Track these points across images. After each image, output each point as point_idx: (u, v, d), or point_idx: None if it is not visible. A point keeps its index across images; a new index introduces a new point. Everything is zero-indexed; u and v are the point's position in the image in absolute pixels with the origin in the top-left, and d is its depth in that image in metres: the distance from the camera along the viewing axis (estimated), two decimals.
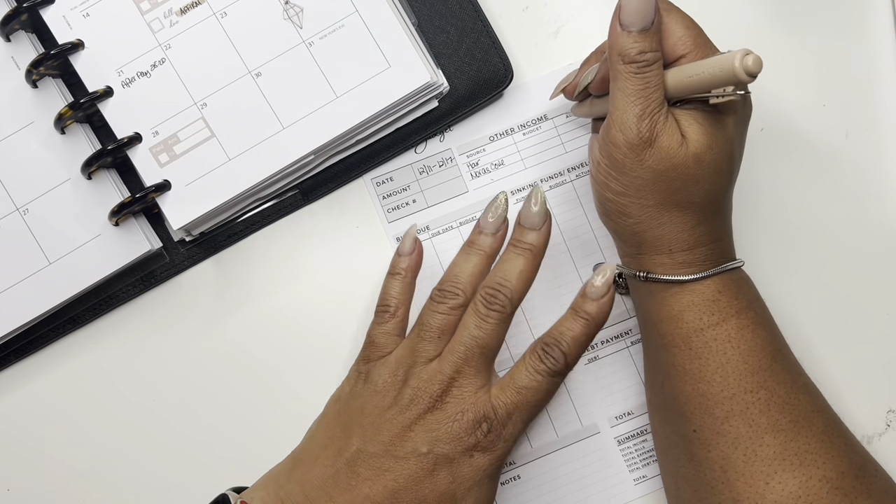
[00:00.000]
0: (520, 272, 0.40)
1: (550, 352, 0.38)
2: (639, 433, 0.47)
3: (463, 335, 0.39)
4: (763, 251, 0.48)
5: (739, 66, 0.36)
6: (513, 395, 0.38)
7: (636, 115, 0.38)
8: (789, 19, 0.50)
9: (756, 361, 0.40)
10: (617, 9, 0.39)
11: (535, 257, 0.40)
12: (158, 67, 0.46)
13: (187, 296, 0.49)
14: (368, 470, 0.37)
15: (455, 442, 0.38)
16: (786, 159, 0.49)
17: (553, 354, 0.38)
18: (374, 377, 0.40)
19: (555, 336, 0.39)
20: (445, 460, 0.38)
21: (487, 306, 0.39)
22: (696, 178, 0.39)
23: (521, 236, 0.40)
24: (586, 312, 0.39)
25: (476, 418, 0.38)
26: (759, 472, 0.38)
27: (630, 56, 0.38)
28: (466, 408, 0.38)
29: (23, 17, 0.46)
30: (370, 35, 0.46)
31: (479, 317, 0.39)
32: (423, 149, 0.49)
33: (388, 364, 0.40)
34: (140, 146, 0.46)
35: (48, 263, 0.46)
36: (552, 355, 0.38)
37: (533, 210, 0.40)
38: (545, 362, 0.38)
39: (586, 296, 0.39)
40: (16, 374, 0.48)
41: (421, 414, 0.38)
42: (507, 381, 0.39)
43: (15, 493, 0.48)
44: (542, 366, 0.38)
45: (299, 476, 0.38)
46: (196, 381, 0.48)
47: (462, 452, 0.38)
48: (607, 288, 0.39)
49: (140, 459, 0.48)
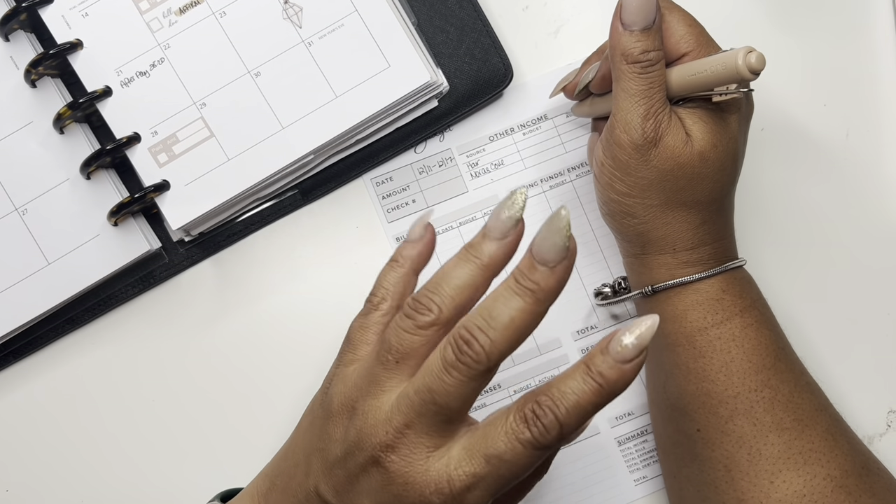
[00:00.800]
0: (511, 319, 0.30)
1: (542, 417, 0.29)
2: (639, 433, 0.47)
3: (419, 382, 0.30)
4: (764, 251, 0.48)
5: (742, 64, 0.35)
6: (479, 465, 0.30)
7: (640, 115, 0.38)
8: (789, 19, 0.50)
9: (760, 360, 0.40)
10: (618, 8, 0.39)
11: (539, 304, 0.30)
12: (157, 67, 0.46)
13: (186, 296, 0.49)
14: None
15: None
16: (786, 159, 0.49)
17: (544, 422, 0.29)
18: (331, 394, 0.33)
19: (552, 396, 0.29)
20: None
21: (457, 354, 0.30)
22: (701, 177, 0.39)
23: (527, 270, 0.30)
24: (601, 375, 0.29)
25: (423, 494, 0.30)
26: (764, 470, 0.38)
27: (633, 56, 0.38)
28: (412, 479, 0.30)
29: (22, 16, 0.46)
30: (370, 35, 0.46)
31: (443, 366, 0.30)
32: (422, 149, 0.49)
33: (345, 382, 0.33)
34: (139, 146, 0.46)
35: (47, 264, 0.46)
36: (543, 423, 0.29)
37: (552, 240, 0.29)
38: (532, 430, 0.29)
39: (608, 353, 0.29)
40: (15, 375, 0.48)
41: (365, 465, 0.31)
42: (478, 441, 0.30)
43: (14, 493, 0.48)
44: (526, 433, 0.29)
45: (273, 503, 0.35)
46: (196, 381, 0.48)
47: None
48: (639, 351, 0.29)
49: (139, 459, 0.48)
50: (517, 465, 0.30)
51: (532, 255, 0.30)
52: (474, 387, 0.30)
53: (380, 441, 0.30)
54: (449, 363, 0.30)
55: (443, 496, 0.30)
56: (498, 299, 0.30)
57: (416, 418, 0.30)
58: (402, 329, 0.31)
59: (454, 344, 0.30)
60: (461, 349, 0.30)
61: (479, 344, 0.29)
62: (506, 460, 0.29)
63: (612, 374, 0.29)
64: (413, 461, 0.30)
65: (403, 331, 0.31)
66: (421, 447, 0.30)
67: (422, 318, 0.31)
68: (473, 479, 0.30)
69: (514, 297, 0.30)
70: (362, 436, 0.31)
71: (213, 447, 0.48)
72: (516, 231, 0.31)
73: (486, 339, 0.29)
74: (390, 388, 0.31)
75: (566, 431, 0.29)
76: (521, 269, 0.30)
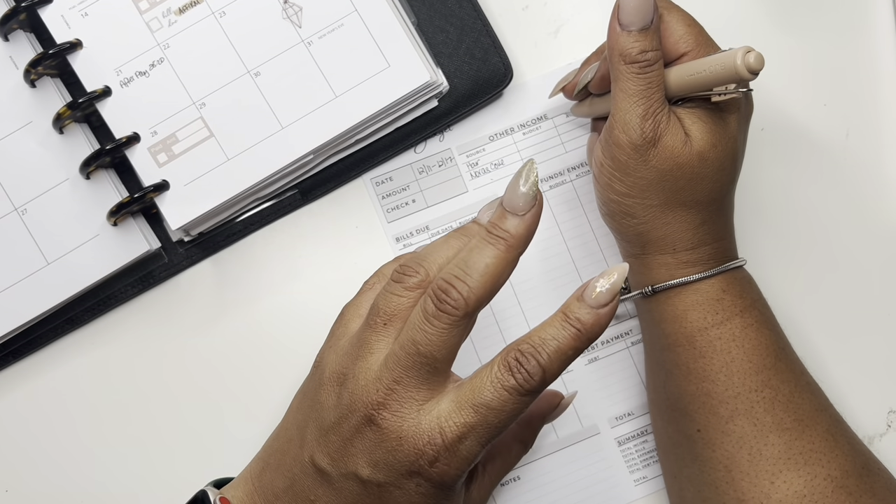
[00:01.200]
0: (486, 266, 0.31)
1: (525, 364, 0.31)
2: (639, 434, 0.47)
3: (404, 336, 0.32)
4: (764, 251, 0.48)
5: (741, 64, 0.35)
6: (469, 415, 0.31)
7: (639, 115, 0.38)
8: (789, 19, 0.50)
9: (760, 360, 0.40)
10: (615, 9, 0.39)
11: (511, 250, 0.32)
12: (157, 67, 0.46)
13: (186, 296, 0.49)
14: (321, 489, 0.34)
15: (395, 470, 0.32)
16: (786, 159, 0.49)
17: (528, 367, 0.31)
18: (323, 365, 0.35)
19: (534, 344, 0.31)
20: (387, 488, 0.32)
21: (436, 304, 0.31)
22: (701, 177, 0.39)
23: (498, 221, 0.32)
24: (579, 321, 0.31)
25: (416, 446, 0.31)
26: (764, 471, 0.38)
27: (631, 56, 0.38)
28: (405, 433, 0.31)
29: (21, 16, 0.46)
30: (369, 34, 0.46)
31: (424, 317, 0.31)
32: (422, 148, 0.49)
33: (336, 351, 0.34)
34: (138, 146, 0.46)
35: (46, 263, 0.46)
36: (526, 368, 0.31)
37: (520, 190, 0.32)
38: (516, 376, 0.31)
39: (583, 300, 0.31)
40: (14, 375, 0.48)
41: (359, 426, 0.32)
42: (466, 393, 0.31)
43: (14, 493, 0.48)
44: (511, 380, 0.31)
45: (267, 482, 0.36)
46: (195, 381, 0.48)
47: (404, 479, 0.32)
48: (612, 296, 0.31)
49: (139, 459, 0.48)
50: (505, 412, 0.31)
51: (503, 205, 0.32)
52: (456, 334, 0.32)
53: (371, 400, 0.32)
54: (430, 313, 0.31)
55: (436, 447, 0.31)
56: (473, 250, 0.32)
57: (404, 372, 0.32)
58: (391, 292, 0.33)
59: (433, 295, 0.31)
60: (440, 298, 0.31)
61: (456, 291, 0.31)
62: (494, 408, 0.31)
63: (588, 319, 0.31)
64: (405, 416, 0.32)
65: (392, 293, 0.33)
66: (411, 401, 0.32)
67: (410, 280, 0.33)
68: (464, 429, 0.31)
69: (488, 247, 0.32)
70: (354, 398, 0.32)
71: (212, 447, 0.48)
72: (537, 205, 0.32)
73: (463, 285, 0.31)
74: (379, 350, 0.33)
75: (549, 376, 0.31)
76: (492, 221, 0.32)
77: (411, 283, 0.33)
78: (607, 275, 0.31)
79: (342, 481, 0.33)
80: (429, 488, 0.32)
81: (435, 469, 0.32)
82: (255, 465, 0.37)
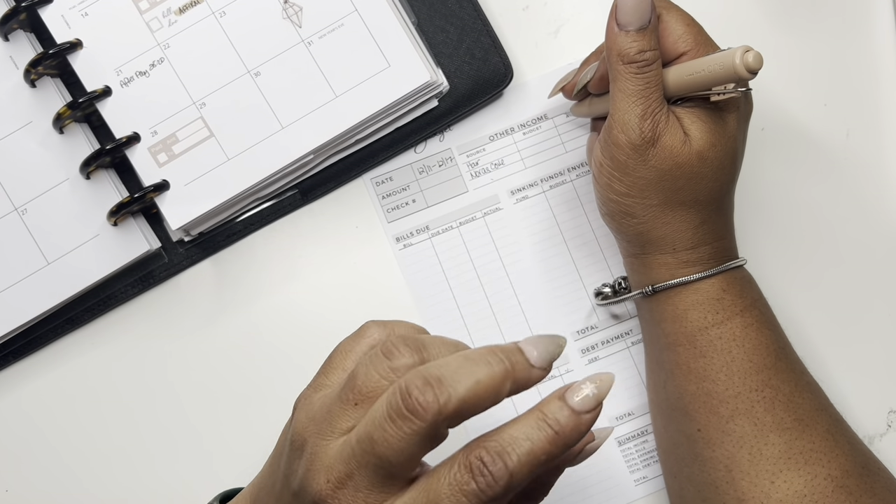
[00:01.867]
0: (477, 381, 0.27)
1: (490, 465, 0.26)
2: (639, 434, 0.47)
3: (362, 429, 0.28)
4: (764, 250, 0.48)
5: (740, 63, 0.35)
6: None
7: (638, 115, 0.38)
8: (789, 19, 0.50)
9: (761, 360, 0.40)
10: (613, 9, 0.39)
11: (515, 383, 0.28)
12: (157, 67, 0.46)
13: (186, 296, 0.49)
14: None
15: None
16: (787, 159, 0.49)
17: (493, 470, 0.26)
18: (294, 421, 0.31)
19: (502, 442, 0.27)
20: None
21: (404, 401, 0.27)
22: (700, 176, 0.39)
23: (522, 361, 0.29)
24: (558, 422, 0.27)
25: None
26: (765, 470, 0.38)
27: (629, 56, 0.38)
28: None
29: (21, 16, 0.46)
30: (369, 34, 0.46)
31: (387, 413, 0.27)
32: (422, 148, 0.49)
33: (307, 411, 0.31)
34: (139, 146, 0.46)
35: (46, 263, 0.46)
36: (491, 471, 0.26)
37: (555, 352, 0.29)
38: (478, 480, 0.26)
39: (565, 400, 0.28)
40: (14, 375, 0.48)
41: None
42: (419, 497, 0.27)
43: (14, 493, 0.48)
44: (472, 485, 0.27)
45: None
46: (195, 382, 0.48)
47: None
48: (597, 402, 0.28)
49: (139, 459, 0.48)
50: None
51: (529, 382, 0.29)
52: (419, 444, 0.27)
53: (319, 490, 0.28)
54: (394, 411, 0.27)
55: None
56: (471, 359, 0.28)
57: (357, 470, 0.28)
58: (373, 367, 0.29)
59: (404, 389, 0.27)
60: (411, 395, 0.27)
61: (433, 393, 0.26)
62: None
63: (568, 423, 0.27)
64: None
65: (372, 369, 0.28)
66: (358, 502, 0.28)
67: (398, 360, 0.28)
68: None
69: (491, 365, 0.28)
70: (306, 480, 0.29)
71: (212, 447, 0.48)
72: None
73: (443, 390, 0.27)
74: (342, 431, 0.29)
75: (515, 482, 0.27)
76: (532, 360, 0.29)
77: (399, 364, 0.28)
78: (597, 380, 0.28)
79: None
80: None
81: None
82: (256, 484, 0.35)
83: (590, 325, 0.48)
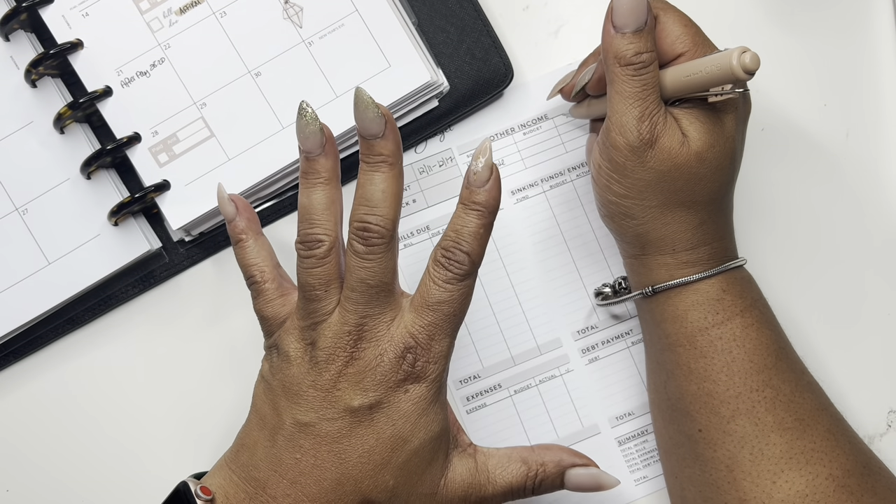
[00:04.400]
0: (383, 192, 0.36)
1: (453, 256, 0.36)
2: (640, 433, 0.47)
3: (351, 280, 0.36)
4: (764, 250, 0.48)
5: (737, 64, 0.35)
6: (429, 315, 0.36)
7: (636, 117, 0.38)
8: (789, 19, 0.50)
9: (761, 360, 0.40)
10: (609, 11, 0.39)
11: (394, 167, 0.36)
12: (158, 67, 0.46)
13: (187, 296, 0.49)
14: (308, 440, 0.36)
15: (383, 385, 0.36)
16: (787, 159, 0.49)
17: (456, 259, 0.36)
18: (283, 348, 0.38)
19: (452, 238, 0.36)
20: (380, 406, 0.36)
21: (363, 243, 0.36)
22: (699, 177, 0.39)
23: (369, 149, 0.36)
24: (476, 204, 0.36)
25: (397, 354, 0.36)
26: (766, 471, 0.38)
27: (626, 58, 0.38)
28: (384, 347, 0.36)
29: (22, 16, 0.46)
30: (370, 34, 0.46)
31: (360, 257, 0.36)
32: (423, 148, 0.49)
33: (291, 332, 0.38)
34: (139, 146, 0.46)
35: (47, 263, 0.46)
36: (456, 260, 0.36)
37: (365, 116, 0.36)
38: (451, 269, 0.36)
39: (471, 186, 0.36)
40: (15, 375, 0.48)
41: (341, 370, 0.36)
42: (419, 301, 0.36)
43: (14, 493, 0.48)
44: (448, 274, 0.36)
45: (245, 461, 0.37)
46: (195, 381, 0.48)
47: (394, 391, 0.36)
48: (489, 170, 0.36)
49: (139, 459, 0.48)
50: (455, 300, 0.36)
51: (362, 136, 0.36)
52: (391, 256, 0.36)
53: (347, 342, 0.36)
54: (362, 253, 0.36)
55: (413, 350, 0.36)
56: (364, 185, 0.36)
57: (365, 307, 0.36)
58: (309, 268, 0.37)
59: (357, 237, 0.36)
60: (363, 237, 0.35)
61: (373, 225, 0.35)
62: (445, 300, 0.36)
63: (482, 198, 0.36)
64: (380, 337, 0.36)
65: (311, 269, 0.36)
66: (380, 325, 0.36)
67: (318, 250, 0.36)
68: (430, 328, 0.36)
69: (375, 174, 0.36)
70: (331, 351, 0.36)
71: (213, 447, 0.48)
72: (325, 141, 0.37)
73: (376, 217, 0.35)
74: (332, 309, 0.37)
75: (475, 257, 0.36)
76: (363, 153, 0.36)
77: (322, 251, 0.36)
78: (480, 153, 0.36)
79: (330, 425, 0.36)
80: (417, 392, 0.36)
81: (418, 367, 0.36)
82: (229, 452, 0.38)
83: (590, 325, 0.48)
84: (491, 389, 0.48)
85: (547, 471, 0.39)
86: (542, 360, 0.48)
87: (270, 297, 0.39)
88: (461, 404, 0.48)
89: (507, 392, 0.48)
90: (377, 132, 0.36)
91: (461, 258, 0.36)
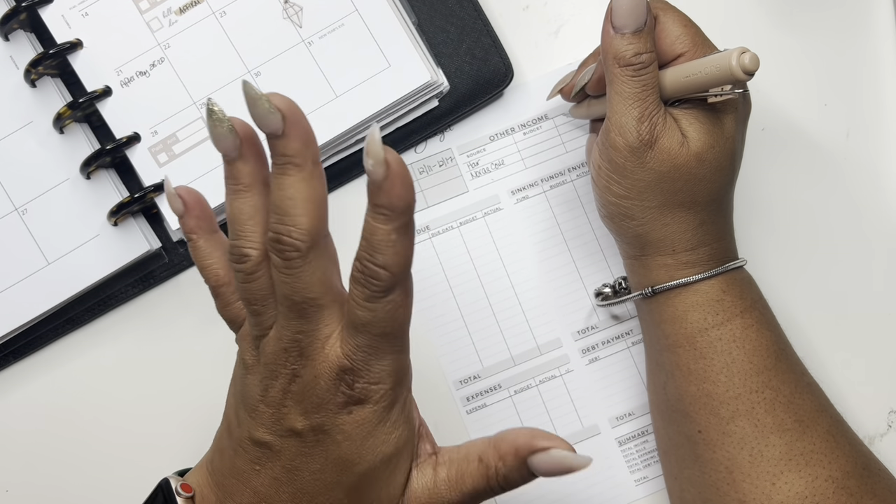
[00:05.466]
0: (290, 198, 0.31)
1: (367, 271, 0.30)
2: (640, 434, 0.47)
3: (279, 295, 0.33)
4: (764, 251, 0.48)
5: (736, 65, 0.35)
6: (359, 338, 0.32)
7: (635, 117, 0.38)
8: (790, 19, 0.50)
9: (761, 361, 0.40)
10: (608, 12, 0.39)
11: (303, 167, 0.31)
12: (157, 67, 0.46)
13: (187, 296, 0.49)
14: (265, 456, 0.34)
15: (323, 408, 0.33)
16: (787, 159, 0.49)
17: (371, 274, 0.30)
18: (241, 354, 0.36)
19: (364, 249, 0.31)
20: (323, 429, 0.33)
21: (280, 256, 0.31)
22: (699, 178, 0.39)
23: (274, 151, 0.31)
24: (378, 206, 0.30)
25: (332, 377, 0.32)
26: (766, 472, 0.38)
27: (626, 59, 0.38)
28: (319, 369, 0.32)
29: (21, 16, 0.46)
30: (370, 34, 0.46)
31: (279, 272, 0.32)
32: (423, 148, 0.49)
33: (245, 338, 0.35)
34: (139, 146, 0.46)
35: (47, 263, 0.46)
36: (372, 276, 0.30)
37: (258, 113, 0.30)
38: (368, 287, 0.31)
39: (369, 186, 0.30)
40: (14, 375, 0.48)
41: (285, 387, 0.33)
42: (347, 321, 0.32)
43: (14, 493, 0.48)
44: (367, 292, 0.31)
45: (218, 465, 0.36)
46: (195, 382, 0.48)
47: (336, 414, 0.33)
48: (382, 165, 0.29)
49: (139, 459, 0.48)
50: (383, 320, 0.31)
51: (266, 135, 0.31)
52: (317, 266, 0.32)
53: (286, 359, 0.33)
54: (281, 268, 0.31)
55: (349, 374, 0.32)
56: (273, 191, 0.31)
57: (298, 322, 0.32)
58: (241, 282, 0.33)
59: (272, 249, 0.32)
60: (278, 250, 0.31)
61: (284, 236, 0.31)
62: (370, 321, 0.31)
63: (385, 199, 0.29)
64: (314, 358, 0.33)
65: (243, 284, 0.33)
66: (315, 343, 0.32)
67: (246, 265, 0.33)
68: (364, 350, 0.32)
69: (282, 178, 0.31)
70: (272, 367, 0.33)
71: None
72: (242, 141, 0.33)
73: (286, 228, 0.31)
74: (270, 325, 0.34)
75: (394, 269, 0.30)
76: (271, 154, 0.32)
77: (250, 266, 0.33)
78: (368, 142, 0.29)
79: (282, 443, 0.34)
80: (361, 414, 0.33)
81: (357, 390, 0.33)
82: (208, 453, 0.38)
83: (590, 326, 0.48)
84: (491, 390, 0.48)
85: (507, 464, 0.34)
86: (542, 360, 0.48)
87: (228, 301, 0.36)
88: (461, 404, 0.48)
89: (507, 392, 0.48)
90: (275, 129, 0.30)
91: (376, 272, 0.30)
